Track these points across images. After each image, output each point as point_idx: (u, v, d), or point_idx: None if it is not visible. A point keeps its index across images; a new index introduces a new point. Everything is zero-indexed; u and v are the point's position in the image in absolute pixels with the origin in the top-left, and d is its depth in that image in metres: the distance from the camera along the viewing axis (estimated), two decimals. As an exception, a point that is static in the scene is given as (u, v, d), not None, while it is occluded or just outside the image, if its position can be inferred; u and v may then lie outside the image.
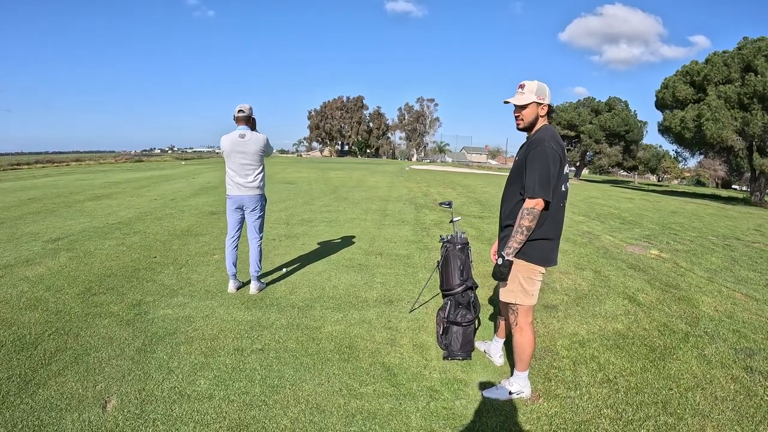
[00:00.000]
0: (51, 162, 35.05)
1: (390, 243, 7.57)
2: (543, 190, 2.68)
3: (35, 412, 2.75)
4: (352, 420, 2.80)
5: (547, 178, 2.70)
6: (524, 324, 3.04)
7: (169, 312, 4.33)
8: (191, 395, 2.99)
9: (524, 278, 2.94)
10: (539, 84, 2.89)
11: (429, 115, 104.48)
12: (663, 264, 6.81)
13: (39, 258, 6.01)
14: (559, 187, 2.82)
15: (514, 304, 3.03)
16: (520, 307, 3.01)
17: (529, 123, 2.93)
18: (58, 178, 19.38)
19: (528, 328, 3.04)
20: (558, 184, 2.79)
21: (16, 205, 10.72)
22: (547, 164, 2.70)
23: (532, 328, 3.09)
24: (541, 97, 2.87)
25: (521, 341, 3.04)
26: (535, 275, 2.94)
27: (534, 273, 2.93)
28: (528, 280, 2.94)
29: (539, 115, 2.91)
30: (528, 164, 2.77)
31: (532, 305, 3.03)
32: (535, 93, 2.86)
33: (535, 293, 2.98)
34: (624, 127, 42.47)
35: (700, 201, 22.68)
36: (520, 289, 2.97)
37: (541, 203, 2.70)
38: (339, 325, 4.17)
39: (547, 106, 2.91)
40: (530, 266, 2.91)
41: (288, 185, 17.59)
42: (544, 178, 2.69)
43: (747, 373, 3.50)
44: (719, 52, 26.91)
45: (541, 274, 2.97)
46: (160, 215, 9.67)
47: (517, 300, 2.99)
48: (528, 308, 3.03)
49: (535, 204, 2.70)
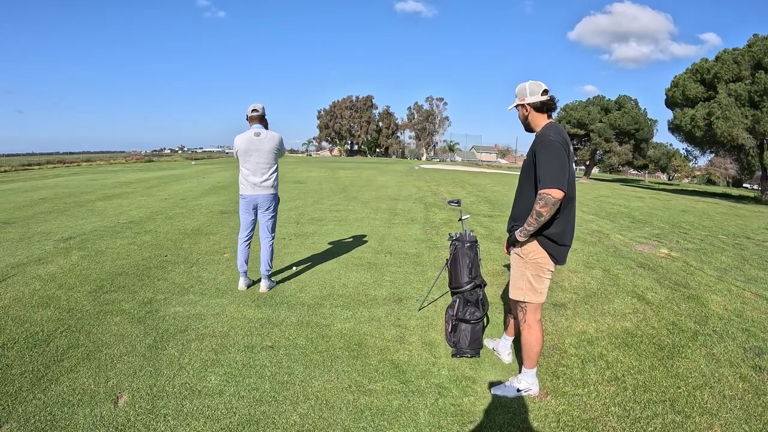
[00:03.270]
0: (62, 162, 35.36)
1: (399, 242, 7.59)
2: (556, 180, 2.66)
3: (48, 407, 2.80)
4: (360, 416, 2.82)
5: (560, 168, 2.69)
6: (533, 321, 3.05)
7: (180, 310, 4.38)
8: (202, 391, 3.02)
9: (533, 276, 2.96)
10: (519, 86, 2.98)
11: (438, 114, 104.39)
12: (672, 263, 6.78)
13: (51, 257, 6.08)
14: (573, 183, 2.84)
15: (522, 302, 3.05)
16: (529, 304, 3.03)
17: (525, 124, 3.04)
18: (70, 178, 19.55)
19: (536, 326, 3.06)
20: (570, 179, 2.79)
21: (28, 204, 10.84)
22: (556, 155, 2.71)
23: (541, 325, 3.10)
24: (521, 98, 2.95)
25: (529, 338, 3.06)
26: (544, 273, 2.96)
27: (543, 271, 2.95)
28: (537, 278, 2.96)
29: (528, 114, 2.98)
30: (537, 159, 2.78)
31: (540, 303, 3.04)
32: (517, 96, 2.99)
33: (543, 291, 3.00)
34: (634, 125, 42.11)
35: (710, 200, 22.49)
36: (529, 287, 2.99)
37: (557, 191, 2.66)
38: (348, 323, 4.20)
39: (536, 103, 2.92)
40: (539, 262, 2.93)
41: (298, 184, 17.65)
42: (557, 168, 2.68)
43: (756, 372, 3.48)
44: (729, 50, 26.63)
45: (550, 272, 2.99)
46: (170, 214, 9.75)
47: (525, 298, 3.01)
48: (537, 306, 3.04)
49: (549, 191, 2.66)
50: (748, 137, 24.88)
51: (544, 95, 2.91)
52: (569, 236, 2.94)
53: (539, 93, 2.91)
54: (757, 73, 23.75)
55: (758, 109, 23.75)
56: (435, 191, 16.55)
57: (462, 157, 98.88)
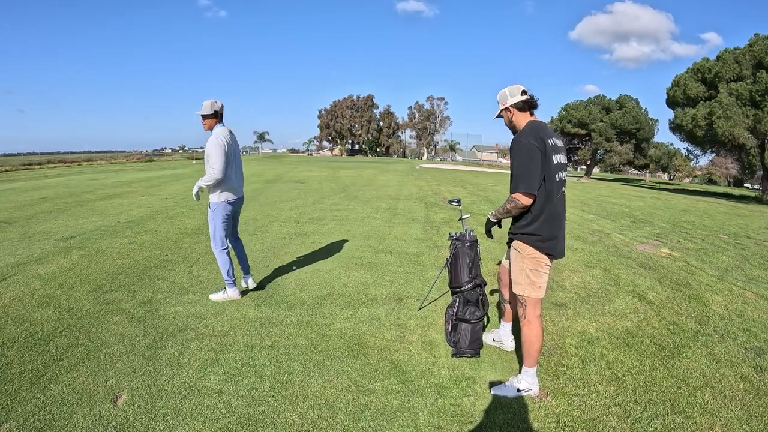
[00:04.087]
0: (63, 162, 35.43)
1: (400, 241, 7.58)
2: (523, 184, 2.84)
3: (47, 406, 2.80)
4: (360, 416, 2.81)
5: (525, 173, 2.84)
6: (532, 317, 3.08)
7: (179, 309, 4.38)
8: (201, 390, 3.02)
9: (531, 270, 3.02)
10: (500, 92, 3.15)
11: (439, 114, 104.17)
12: (673, 262, 6.76)
13: (51, 256, 6.08)
14: (553, 177, 2.90)
15: (522, 297, 3.09)
16: (528, 299, 3.07)
17: (511, 128, 3.19)
18: (70, 177, 19.57)
19: (536, 321, 3.08)
20: (549, 174, 2.89)
21: (29, 204, 10.84)
22: (522, 159, 2.86)
23: (541, 321, 3.12)
24: (504, 103, 3.11)
25: (529, 334, 3.07)
26: (541, 267, 3.01)
27: (540, 265, 3.00)
28: (535, 272, 3.02)
29: (512, 116, 3.11)
30: (510, 161, 2.97)
31: (540, 298, 3.08)
32: (499, 102, 3.16)
33: (542, 285, 3.05)
34: (635, 125, 42.11)
35: (711, 199, 22.47)
36: (528, 281, 3.04)
37: (524, 198, 2.86)
38: (348, 323, 4.19)
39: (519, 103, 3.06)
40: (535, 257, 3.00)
41: (298, 184, 17.64)
42: (526, 173, 2.84)
43: (757, 372, 3.47)
44: (730, 49, 26.63)
45: (547, 267, 3.04)
46: (171, 214, 9.75)
47: (525, 292, 3.07)
48: (536, 301, 3.08)
49: (518, 197, 2.87)
50: (749, 137, 24.88)
51: (523, 95, 3.05)
52: (555, 228, 3.01)
53: (519, 93, 3.06)
54: (759, 73, 23.75)
55: (759, 108, 23.74)
56: (436, 191, 16.53)
57: (463, 157, 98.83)
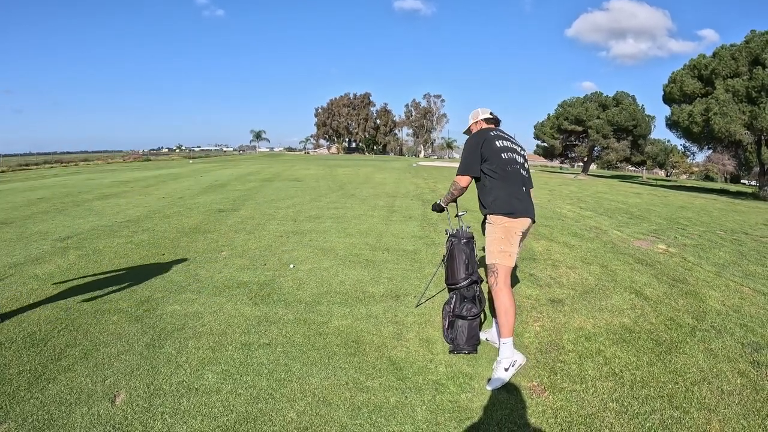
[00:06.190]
0: (60, 162, 35.39)
1: (397, 238, 7.59)
2: (463, 169, 3.54)
3: (45, 406, 2.79)
4: (358, 413, 2.82)
5: (463, 162, 3.56)
6: (503, 284, 3.33)
7: (177, 308, 4.37)
8: (199, 389, 3.02)
9: (504, 237, 3.36)
10: (472, 112, 3.94)
11: (436, 112, 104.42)
12: (670, 258, 6.78)
13: (48, 256, 6.07)
14: (499, 155, 3.45)
15: (494, 265, 3.33)
16: (500, 266, 3.33)
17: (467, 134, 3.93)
18: (67, 177, 19.54)
19: (506, 288, 3.33)
20: (494, 155, 3.44)
21: (26, 204, 10.82)
22: (467, 148, 3.57)
23: (511, 290, 3.36)
24: (475, 118, 3.89)
25: (504, 300, 3.29)
26: (513, 236, 3.36)
27: (511, 234, 3.36)
28: (506, 241, 3.35)
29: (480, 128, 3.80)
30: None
31: (510, 266, 3.36)
32: (471, 119, 3.93)
33: (513, 254, 3.35)
34: (632, 121, 42.05)
35: (708, 196, 22.51)
36: (498, 249, 3.35)
37: (461, 179, 3.55)
38: (346, 320, 4.19)
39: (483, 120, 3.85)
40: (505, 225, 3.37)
41: (295, 182, 17.63)
42: (464, 160, 3.55)
43: (754, 367, 3.48)
44: (727, 46, 26.59)
45: (518, 236, 3.39)
46: (168, 213, 9.73)
47: (497, 260, 3.35)
48: (507, 269, 3.35)
49: (457, 179, 3.57)
50: (745, 133, 24.88)
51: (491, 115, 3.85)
52: (515, 198, 3.41)
53: (488, 113, 3.86)
54: (755, 69, 23.73)
55: (756, 105, 23.73)
56: (433, 188, 16.53)
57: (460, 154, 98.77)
